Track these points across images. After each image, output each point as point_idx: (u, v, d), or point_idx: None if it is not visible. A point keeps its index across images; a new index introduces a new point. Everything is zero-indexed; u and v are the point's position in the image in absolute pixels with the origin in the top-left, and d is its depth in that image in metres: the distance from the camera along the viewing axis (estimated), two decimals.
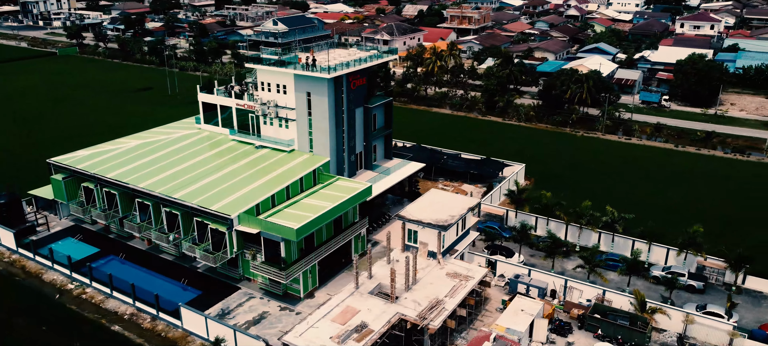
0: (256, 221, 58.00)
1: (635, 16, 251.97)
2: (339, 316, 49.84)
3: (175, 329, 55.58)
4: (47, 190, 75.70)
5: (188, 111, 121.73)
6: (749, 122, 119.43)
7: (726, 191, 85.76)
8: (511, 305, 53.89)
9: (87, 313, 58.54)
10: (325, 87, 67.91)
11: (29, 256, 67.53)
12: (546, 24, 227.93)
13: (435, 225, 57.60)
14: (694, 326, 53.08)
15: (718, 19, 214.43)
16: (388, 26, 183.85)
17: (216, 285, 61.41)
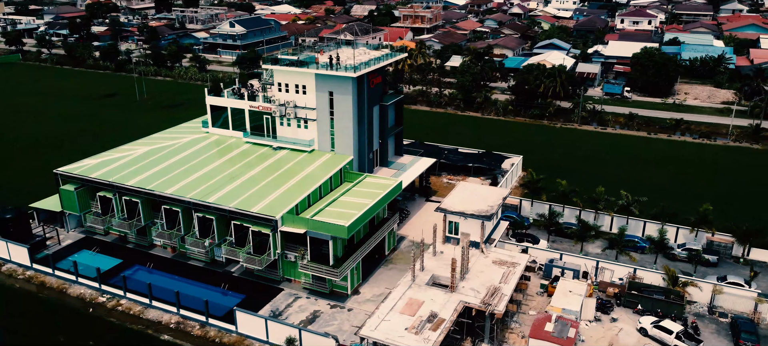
0: (303, 220, 58.08)
1: (575, 13, 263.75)
2: (406, 308, 50.95)
3: (228, 334, 54.89)
4: (50, 202, 72.43)
5: (165, 116, 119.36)
6: (705, 109, 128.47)
7: (705, 172, 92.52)
8: (560, 287, 56.63)
9: (130, 325, 56.80)
10: (350, 86, 68.54)
11: (46, 271, 64.50)
12: (495, 22, 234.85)
13: (478, 215, 59.61)
14: (722, 296, 57.58)
15: (654, 14, 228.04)
16: (349, 26, 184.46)
17: (258, 288, 60.91)
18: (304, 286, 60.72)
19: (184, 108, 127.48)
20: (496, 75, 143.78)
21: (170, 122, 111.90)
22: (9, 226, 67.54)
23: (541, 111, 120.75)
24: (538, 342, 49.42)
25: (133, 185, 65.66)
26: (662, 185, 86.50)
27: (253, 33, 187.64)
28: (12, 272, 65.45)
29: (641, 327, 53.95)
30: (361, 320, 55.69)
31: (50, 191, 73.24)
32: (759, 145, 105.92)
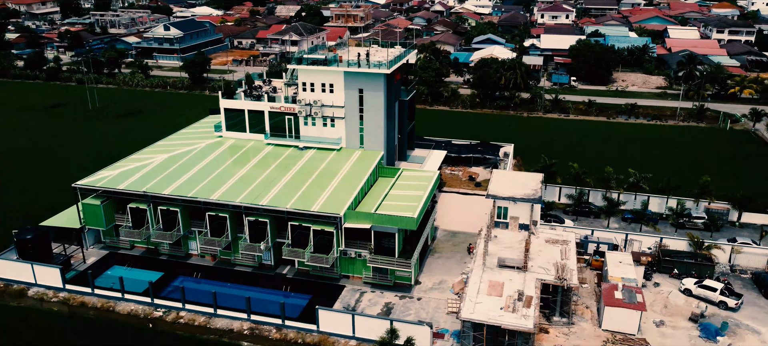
0: (367, 215, 58.85)
1: (494, 9, 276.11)
2: (490, 290, 53.39)
3: (309, 334, 54.70)
4: (63, 219, 67.96)
5: (128, 124, 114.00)
6: (644, 94, 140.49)
7: (669, 148, 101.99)
8: (609, 258, 61.30)
9: (201, 336, 55.04)
10: (382, 82, 69.76)
11: (83, 291, 60.65)
12: (423, 20, 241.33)
13: (527, 199, 63.10)
14: (740, 255, 64.81)
15: (571, 9, 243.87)
16: (294, 26, 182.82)
17: (317, 288, 60.83)
18: (365, 281, 61.41)
19: (145, 116, 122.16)
20: (453, 70, 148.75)
21: (136, 131, 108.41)
22: (29, 247, 62.70)
23: (506, 102, 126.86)
24: (613, 309, 53.57)
25: (172, 193, 63.16)
26: (640, 161, 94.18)
27: (189, 36, 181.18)
28: (42, 295, 60.92)
29: (686, 288, 59.70)
30: (433, 307, 57.58)
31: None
32: (703, 123, 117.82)
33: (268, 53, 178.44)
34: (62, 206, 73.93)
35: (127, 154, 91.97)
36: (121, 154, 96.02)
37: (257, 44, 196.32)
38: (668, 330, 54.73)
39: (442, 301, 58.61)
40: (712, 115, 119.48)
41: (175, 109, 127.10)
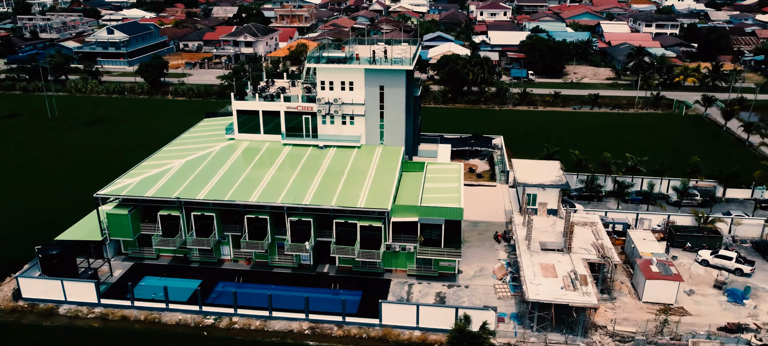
0: (414, 209, 59.99)
1: (431, 7, 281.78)
2: (545, 271, 56.03)
3: (372, 328, 55.21)
4: (78, 231, 64.67)
5: (98, 132, 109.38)
6: (597, 85, 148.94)
7: (638, 134, 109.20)
8: (634, 236, 65.54)
9: (261, 339, 54.26)
10: (403, 78, 70.96)
11: (122, 304, 58.09)
12: (366, 19, 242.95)
13: (556, 185, 66.33)
14: (739, 227, 71.03)
15: (508, 6, 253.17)
16: (247, 27, 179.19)
17: (366, 283, 61.26)
18: (409, 273, 62.47)
19: (112, 123, 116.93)
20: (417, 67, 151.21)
21: (111, 138, 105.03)
22: (54, 263, 59.25)
23: (476, 97, 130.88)
24: (654, 281, 57.60)
25: (206, 198, 61.54)
26: (619, 147, 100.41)
27: (135, 39, 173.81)
28: (76, 312, 57.79)
29: (703, 259, 64.87)
30: (482, 293, 59.58)
31: None
32: (660, 110, 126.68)
33: (222, 55, 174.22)
34: (62, 218, 71.24)
35: (114, 163, 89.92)
36: (107, 163, 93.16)
37: (205, 46, 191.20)
38: (699, 298, 59.44)
39: (488, 287, 60.70)
40: (666, 102, 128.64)
41: (141, 115, 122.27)
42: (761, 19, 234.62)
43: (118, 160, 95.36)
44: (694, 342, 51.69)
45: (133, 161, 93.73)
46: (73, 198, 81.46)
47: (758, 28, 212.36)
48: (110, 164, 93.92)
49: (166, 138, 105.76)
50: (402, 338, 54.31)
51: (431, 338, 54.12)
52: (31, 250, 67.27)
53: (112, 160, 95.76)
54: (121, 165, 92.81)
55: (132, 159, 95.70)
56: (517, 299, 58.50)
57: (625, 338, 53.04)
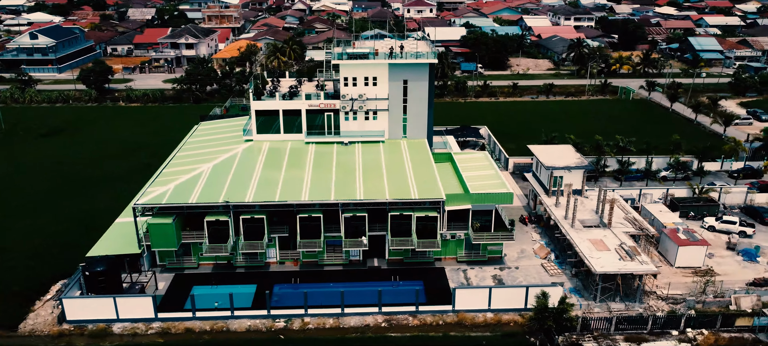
0: (468, 197, 61.78)
1: (355, 6, 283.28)
2: (598, 246, 59.82)
3: (445, 315, 56.46)
4: (107, 245, 60.84)
5: (59, 143, 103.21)
6: (541, 76, 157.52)
7: (598, 118, 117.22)
8: (651, 209, 71.12)
9: (341, 336, 53.98)
10: (427, 72, 72.47)
11: (183, 316, 55.50)
12: (295, 18, 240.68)
13: (581, 166, 70.58)
14: (727, 195, 78.95)
15: (433, 3, 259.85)
16: (186, 29, 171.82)
17: (420, 273, 62.25)
18: (460, 260, 64.23)
19: (72, 133, 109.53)
20: None
21: (80, 149, 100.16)
22: (100, 280, 55.44)
23: (440, 90, 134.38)
24: (685, 248, 63.13)
25: (255, 200, 59.94)
26: (587, 131, 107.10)
27: (62, 44, 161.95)
28: (133, 330, 54.44)
29: (709, 226, 71.66)
30: (535, 272, 62.61)
31: None
32: (608, 95, 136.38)
33: (160, 57, 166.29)
34: (68, 235, 69.15)
35: (96, 174, 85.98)
36: (89, 175, 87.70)
37: (136, 50, 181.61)
38: (719, 259, 65.79)
39: (537, 266, 63.79)
40: (612, 89, 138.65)
41: (99, 124, 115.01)
42: (660, 12, 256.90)
43: (100, 171, 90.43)
44: (735, 298, 57.42)
45: (116, 171, 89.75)
46: (71, 213, 76.23)
47: (661, 19, 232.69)
48: (93, 175, 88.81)
49: (140, 145, 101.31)
50: (477, 320, 56.03)
51: (504, 318, 56.27)
52: (47, 271, 62.86)
53: (93, 171, 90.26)
54: (108, 176, 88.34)
55: (114, 169, 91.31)
56: (568, 275, 62.00)
57: (678, 300, 57.92)
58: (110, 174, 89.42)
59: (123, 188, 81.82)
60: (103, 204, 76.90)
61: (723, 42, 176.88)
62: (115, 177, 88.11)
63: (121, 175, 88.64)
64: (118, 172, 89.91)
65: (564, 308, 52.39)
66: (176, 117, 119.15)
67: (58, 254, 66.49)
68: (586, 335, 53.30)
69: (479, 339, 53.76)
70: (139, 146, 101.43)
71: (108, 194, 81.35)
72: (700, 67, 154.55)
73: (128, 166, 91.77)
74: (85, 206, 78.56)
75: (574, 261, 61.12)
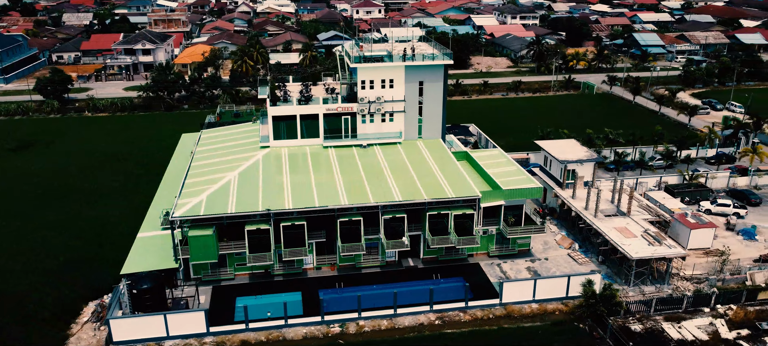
0: (500, 193, 63.68)
1: (299, 8, 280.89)
2: (624, 233, 63.23)
3: (493, 308, 58.13)
4: (140, 262, 58.79)
5: (34, 156, 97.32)
6: (501, 73, 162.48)
7: (566, 113, 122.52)
8: (655, 196, 75.58)
9: (399, 336, 54.57)
10: (442, 73, 73.94)
11: (236, 329, 54.42)
12: (243, 21, 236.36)
13: (591, 159, 74.07)
14: (713, 180, 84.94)
15: (381, 4, 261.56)
16: (142, 34, 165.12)
17: (457, 269, 63.65)
18: (492, 254, 66.11)
19: (40, 146, 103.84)
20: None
21: (53, 161, 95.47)
22: (146, 297, 53.53)
23: None
24: (696, 231, 67.66)
25: (297, 206, 59.46)
26: (562, 125, 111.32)
27: (5, 54, 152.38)
28: None
29: (706, 209, 76.94)
30: (563, 262, 65.34)
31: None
32: (573, 90, 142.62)
33: (114, 64, 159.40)
34: (70, 252, 66.83)
35: (86, 187, 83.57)
36: (78, 188, 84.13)
37: (84, 57, 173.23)
38: (722, 240, 70.85)
39: (564, 256, 66.62)
40: (575, 84, 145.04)
41: (70, 135, 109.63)
42: (595, 9, 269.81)
43: (88, 184, 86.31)
44: (750, 274, 62.24)
45: (106, 183, 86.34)
46: (73, 228, 73.05)
47: (599, 16, 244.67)
48: (83, 188, 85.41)
49: (122, 156, 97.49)
50: (524, 312, 58.06)
51: (549, 308, 58.59)
52: (67, 291, 60.16)
53: (82, 183, 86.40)
54: (101, 188, 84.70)
55: (105, 180, 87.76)
56: (595, 262, 65.12)
57: (701, 279, 62.15)
58: (102, 186, 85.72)
59: (120, 200, 79.18)
60: (106, 217, 74.10)
61: (663, 37, 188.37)
62: (108, 189, 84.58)
63: (116, 187, 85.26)
64: (110, 183, 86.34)
65: (612, 293, 55.21)
66: (150, 126, 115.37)
67: (73, 273, 63.47)
68: (629, 317, 56.37)
69: (531, 329, 55.72)
70: (120, 157, 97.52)
71: (106, 206, 78.37)
72: (650, 62, 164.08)
73: (118, 178, 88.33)
74: (85, 220, 75.11)
75: (606, 249, 64.24)
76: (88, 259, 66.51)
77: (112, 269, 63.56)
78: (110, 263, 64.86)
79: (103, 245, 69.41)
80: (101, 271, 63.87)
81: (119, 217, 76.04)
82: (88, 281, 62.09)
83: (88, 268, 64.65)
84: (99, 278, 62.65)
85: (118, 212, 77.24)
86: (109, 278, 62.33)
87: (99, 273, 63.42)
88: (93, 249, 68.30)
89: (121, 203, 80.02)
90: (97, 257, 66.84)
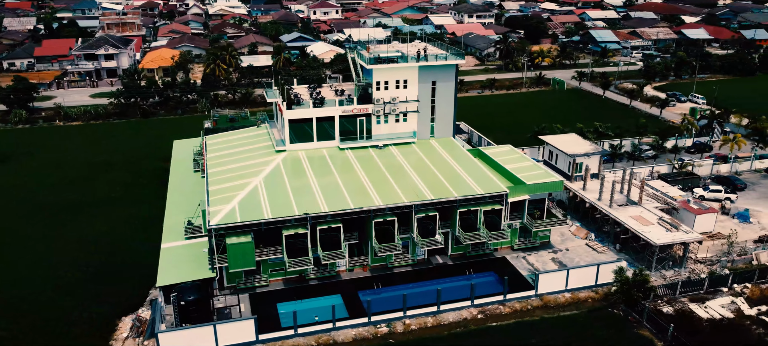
0: (525, 188, 65.58)
1: (252, 10, 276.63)
2: (641, 221, 66.40)
3: (529, 299, 59.88)
4: (175, 273, 57.45)
5: (15, 169, 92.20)
6: (470, 71, 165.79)
7: (541, 107, 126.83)
8: (655, 185, 79.50)
9: (448, 332, 55.45)
10: (454, 73, 75.33)
11: (284, 335, 53.92)
12: (198, 23, 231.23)
13: (597, 153, 77.17)
14: (699, 168, 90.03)
15: (337, 5, 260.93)
16: (102, 38, 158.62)
17: (486, 264, 65.09)
18: (515, 247, 67.97)
19: (17, 159, 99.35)
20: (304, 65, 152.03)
21: (39, 174, 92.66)
22: (192, 309, 52.33)
23: None
24: (701, 216, 71.70)
25: (333, 209, 59.41)
26: (542, 120, 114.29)
27: None
28: None
29: (699, 195, 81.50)
30: (583, 252, 67.95)
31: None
32: (544, 87, 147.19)
33: (75, 70, 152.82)
34: (83, 265, 64.37)
35: (87, 200, 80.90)
36: (76, 200, 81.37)
37: (37, 64, 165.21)
38: (720, 224, 75.30)
39: (583, 246, 69.25)
40: (545, 80, 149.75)
41: (47, 146, 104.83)
42: (545, 7, 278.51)
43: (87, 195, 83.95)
44: (756, 254, 66.63)
45: (105, 193, 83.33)
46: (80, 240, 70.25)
47: (551, 14, 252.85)
48: (84, 200, 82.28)
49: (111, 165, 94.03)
50: (559, 301, 60.12)
51: (581, 296, 60.91)
52: (92, 305, 58.16)
53: (82, 196, 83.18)
54: (102, 198, 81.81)
55: (103, 190, 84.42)
56: (613, 250, 68.01)
57: (713, 262, 66.02)
58: (101, 197, 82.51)
59: (124, 210, 76.84)
60: (115, 229, 72.09)
61: (617, 33, 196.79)
62: (108, 200, 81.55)
63: (115, 197, 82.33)
64: (108, 194, 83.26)
65: (645, 278, 57.99)
66: (131, 133, 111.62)
67: (96, 288, 61.08)
68: (658, 301, 59.34)
69: (570, 318, 57.73)
70: (110, 166, 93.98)
71: (111, 218, 75.65)
72: (609, 57, 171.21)
73: (115, 188, 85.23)
74: (95, 234, 72.23)
75: (626, 237, 67.19)
76: (108, 273, 64.09)
77: (138, 281, 61.99)
78: (133, 276, 63.08)
79: (120, 258, 67.04)
80: (126, 284, 61.81)
81: (128, 228, 73.61)
82: (115, 295, 59.91)
83: (111, 282, 62.34)
84: (125, 291, 60.63)
85: (125, 223, 74.70)
86: (137, 290, 60.57)
87: (125, 286, 61.35)
88: (111, 262, 65.83)
89: (125, 213, 77.34)
90: (116, 270, 64.52)
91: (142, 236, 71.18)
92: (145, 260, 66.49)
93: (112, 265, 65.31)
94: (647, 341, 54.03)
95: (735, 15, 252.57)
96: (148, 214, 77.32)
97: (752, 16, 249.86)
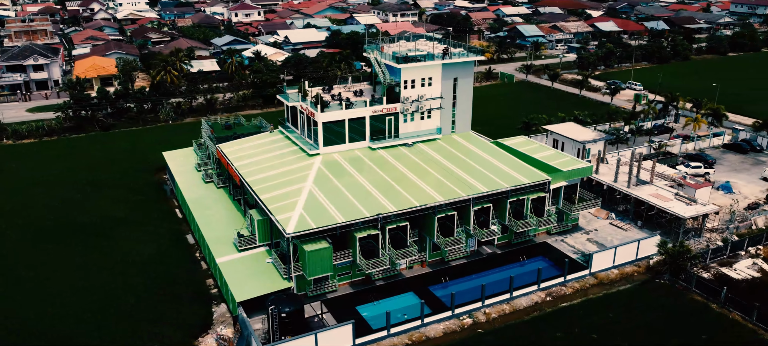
0: (562, 174, 69.34)
1: (163, 13, 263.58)
2: (658, 199, 72.41)
3: (584, 279, 63.53)
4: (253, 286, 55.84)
5: None
6: None
7: (516, 101, 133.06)
8: (648, 165, 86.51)
9: (527, 317, 57.78)
10: (472, 69, 77.76)
11: (378, 337, 53.78)
12: (113, 29, 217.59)
13: (602, 138, 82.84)
14: (672, 148, 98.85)
15: (257, 6, 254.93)
16: (28, 47, 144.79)
17: (531, 250, 68.27)
18: (551, 232, 71.64)
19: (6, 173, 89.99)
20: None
21: (32, 195, 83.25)
22: (291, 321, 50.94)
23: None
24: (700, 189, 79.09)
25: (401, 208, 59.86)
26: (507, 111, 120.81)
27: None
28: None
29: (683, 172, 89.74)
30: (610, 231, 73.04)
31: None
32: (493, 81, 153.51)
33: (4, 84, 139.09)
34: (119, 292, 60.69)
35: (94, 221, 76.41)
36: (83, 222, 76.45)
37: None
38: None
39: (607, 226, 74.33)
40: (494, 75, 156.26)
41: (27, 161, 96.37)
42: (460, 5, 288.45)
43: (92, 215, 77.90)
44: (755, 219, 74.86)
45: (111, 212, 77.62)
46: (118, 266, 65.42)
47: (467, 11, 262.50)
48: (91, 221, 76.55)
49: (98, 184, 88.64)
50: (610, 277, 64.37)
51: (626, 271, 65.57)
52: (150, 328, 54.90)
53: (89, 217, 77.09)
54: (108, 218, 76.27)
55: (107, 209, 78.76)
56: (636, 227, 73.59)
57: (723, 229, 73.37)
58: (110, 216, 76.65)
59: (139, 229, 73.09)
60: (140, 249, 68.34)
61: (541, 28, 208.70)
62: (115, 220, 75.89)
63: (121, 217, 76.64)
64: (114, 214, 77.38)
65: (687, 249, 63.54)
66: (98, 147, 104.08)
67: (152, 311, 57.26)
68: (694, 268, 65.24)
69: (627, 291, 62.07)
70: (100, 184, 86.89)
71: (130, 239, 70.71)
72: (541, 50, 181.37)
73: (118, 206, 79.45)
74: (118, 255, 67.29)
75: (651, 213, 72.85)
76: (159, 293, 60.24)
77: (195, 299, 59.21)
78: (184, 293, 60.18)
79: (164, 277, 63.16)
80: (182, 302, 58.66)
81: (158, 245, 69.41)
82: (179, 315, 56.71)
83: (166, 302, 58.73)
84: (186, 310, 57.55)
85: (148, 242, 70.18)
86: (200, 308, 57.75)
87: (182, 305, 58.20)
88: (155, 284, 61.86)
89: (141, 232, 72.55)
90: (167, 289, 60.86)
91: (172, 255, 67.53)
92: (194, 276, 63.64)
93: (161, 285, 61.50)
94: (702, 306, 59.38)
95: (632, 8, 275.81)
96: (168, 230, 73.38)
97: (645, 9, 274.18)
